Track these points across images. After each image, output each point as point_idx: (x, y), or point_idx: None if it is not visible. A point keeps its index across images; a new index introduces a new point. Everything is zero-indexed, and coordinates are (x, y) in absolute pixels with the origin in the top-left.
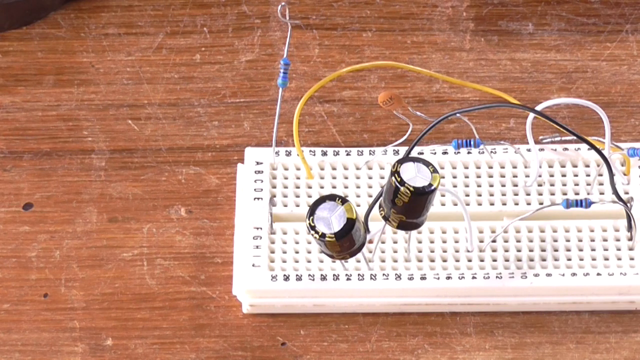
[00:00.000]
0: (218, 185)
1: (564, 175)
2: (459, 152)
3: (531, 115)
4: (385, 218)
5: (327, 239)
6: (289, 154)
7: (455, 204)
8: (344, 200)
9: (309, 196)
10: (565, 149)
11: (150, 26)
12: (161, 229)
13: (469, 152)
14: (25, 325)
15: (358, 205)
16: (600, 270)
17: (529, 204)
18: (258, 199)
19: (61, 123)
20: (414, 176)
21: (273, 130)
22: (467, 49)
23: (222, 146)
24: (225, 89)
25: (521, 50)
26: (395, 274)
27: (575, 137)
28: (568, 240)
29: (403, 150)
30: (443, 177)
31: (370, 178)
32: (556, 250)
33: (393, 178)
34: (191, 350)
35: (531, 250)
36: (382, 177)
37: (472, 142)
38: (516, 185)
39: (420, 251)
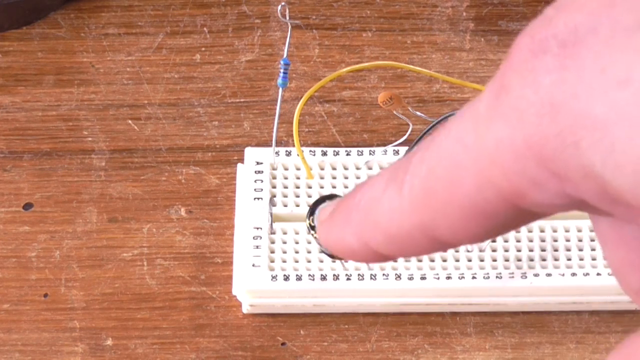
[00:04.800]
0: (218, 185)
1: None
2: None
3: None
4: None
5: None
6: (289, 154)
7: None
8: None
9: (309, 196)
10: None
11: (150, 26)
12: (161, 229)
13: None
14: (25, 325)
15: None
16: (600, 270)
17: None
18: (258, 199)
19: (61, 123)
20: None
21: (273, 130)
22: (467, 49)
23: (222, 146)
24: (225, 89)
25: None
26: (395, 274)
27: None
28: (568, 240)
29: (403, 150)
30: None
31: None
32: (556, 250)
33: None
34: (191, 350)
35: (531, 250)
36: None
37: None
38: None
39: None
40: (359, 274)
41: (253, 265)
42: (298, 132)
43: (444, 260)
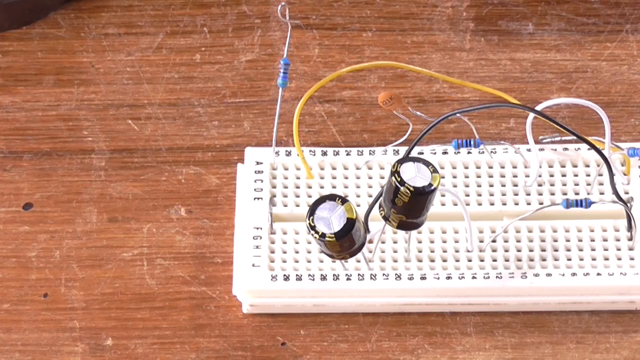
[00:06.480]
0: (218, 185)
1: (564, 175)
2: (459, 152)
3: (531, 115)
4: (385, 218)
5: (327, 239)
6: (289, 154)
7: (455, 204)
8: (344, 200)
9: (309, 196)
10: (565, 149)
11: (150, 26)
12: (161, 229)
13: (469, 152)
14: (25, 325)
15: (358, 205)
16: (600, 270)
17: (529, 204)
18: (258, 199)
19: (61, 123)
20: (414, 176)
21: (273, 130)
22: (467, 49)
23: (222, 146)
24: (225, 89)
25: (521, 50)
26: (395, 274)
27: (575, 137)
28: (568, 240)
29: (403, 150)
30: (443, 177)
31: (370, 178)
32: (556, 250)
33: (393, 178)
34: (191, 350)
35: (531, 250)
36: (382, 177)
37: (472, 142)
38: (516, 185)
39: (420, 251)
40: (359, 274)
41: (253, 265)
42: (298, 132)
43: (444, 261)
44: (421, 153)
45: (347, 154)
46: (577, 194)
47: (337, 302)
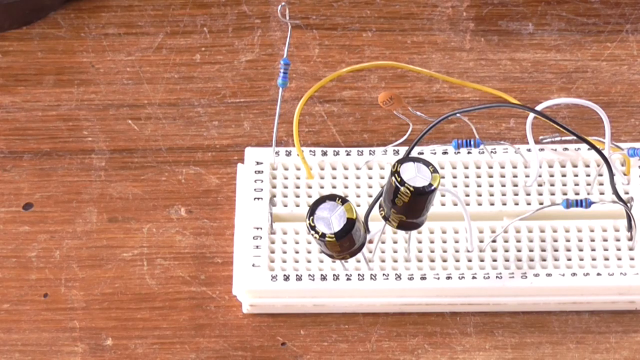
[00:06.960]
0: (218, 185)
1: (564, 175)
2: (459, 152)
3: (531, 115)
4: (385, 218)
5: (327, 239)
6: (289, 154)
7: (455, 204)
8: (344, 200)
9: (309, 196)
10: (565, 149)
11: (150, 26)
12: (161, 229)
13: (469, 152)
14: (25, 325)
15: (358, 205)
16: (600, 270)
17: (529, 204)
18: (258, 199)
19: (61, 123)
20: (414, 176)
21: (273, 130)
22: (467, 49)
23: (222, 146)
24: (225, 89)
25: (521, 50)
26: (395, 274)
27: (575, 137)
28: (568, 240)
29: (403, 150)
30: (443, 177)
31: (370, 178)
32: (556, 250)
33: (393, 178)
34: (191, 350)
35: (531, 250)
36: (382, 177)
37: (472, 142)
38: (516, 185)
39: (420, 251)
40: (359, 274)
41: (253, 265)
42: (298, 132)
43: (444, 260)
44: (421, 153)
45: (347, 154)
46: (577, 194)
47: (337, 302)
